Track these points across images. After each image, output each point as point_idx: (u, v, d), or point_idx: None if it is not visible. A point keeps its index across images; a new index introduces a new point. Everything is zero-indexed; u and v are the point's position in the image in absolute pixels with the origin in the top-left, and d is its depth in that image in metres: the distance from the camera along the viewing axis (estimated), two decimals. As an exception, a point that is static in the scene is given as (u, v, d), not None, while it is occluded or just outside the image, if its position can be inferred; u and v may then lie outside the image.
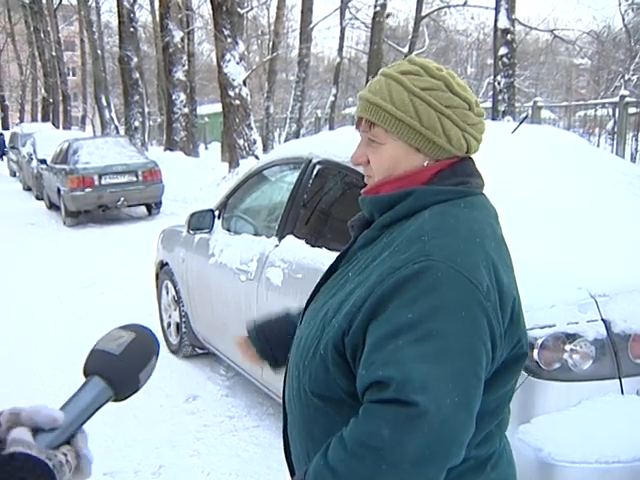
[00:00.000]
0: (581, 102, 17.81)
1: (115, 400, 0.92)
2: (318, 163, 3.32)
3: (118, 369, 0.91)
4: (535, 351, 2.09)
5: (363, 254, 1.23)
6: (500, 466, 1.22)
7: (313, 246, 3.15)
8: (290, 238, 3.35)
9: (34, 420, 0.84)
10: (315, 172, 3.34)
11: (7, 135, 26.22)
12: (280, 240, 3.42)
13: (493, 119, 12.79)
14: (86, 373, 0.91)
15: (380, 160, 1.22)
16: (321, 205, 3.47)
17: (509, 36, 13.09)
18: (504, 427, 1.26)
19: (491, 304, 1.06)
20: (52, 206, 13.16)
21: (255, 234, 3.80)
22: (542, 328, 2.08)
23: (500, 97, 13.04)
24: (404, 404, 0.99)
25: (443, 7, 24.41)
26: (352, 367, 1.12)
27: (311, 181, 3.36)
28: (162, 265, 5.01)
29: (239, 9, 13.51)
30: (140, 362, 0.93)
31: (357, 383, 1.09)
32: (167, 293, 4.91)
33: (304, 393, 1.21)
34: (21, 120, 42.75)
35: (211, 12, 14.01)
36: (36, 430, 0.83)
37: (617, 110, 12.09)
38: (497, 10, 13.26)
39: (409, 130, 1.17)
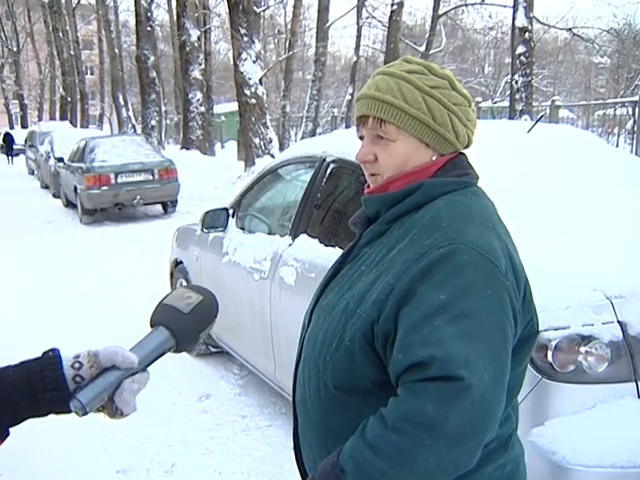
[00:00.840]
0: (600, 101, 17.64)
1: (175, 351, 1.03)
2: (332, 162, 3.32)
3: (185, 325, 1.02)
4: (549, 353, 2.06)
5: (372, 248, 1.25)
6: (516, 445, 1.27)
7: (327, 245, 3.14)
8: (303, 237, 3.35)
9: (113, 360, 0.96)
10: (329, 171, 3.33)
11: (24, 133, 26.46)
12: (294, 239, 3.41)
13: (510, 118, 12.71)
14: (152, 323, 1.03)
15: (391, 157, 1.24)
16: (335, 204, 3.46)
17: (527, 34, 12.99)
18: (516, 408, 1.30)
19: (510, 283, 1.12)
20: (69, 204, 13.26)
21: (269, 233, 3.80)
22: (556, 330, 2.06)
23: (517, 96, 12.95)
24: (448, 379, 1.02)
25: (461, 5, 24.26)
26: (382, 356, 1.14)
27: (325, 180, 3.35)
28: (177, 263, 5.03)
29: (255, 8, 13.52)
30: (203, 323, 1.05)
31: (392, 368, 1.10)
32: (181, 291, 4.92)
33: (325, 389, 1.21)
34: (40, 118, 43.10)
35: (227, 11, 14.04)
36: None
37: (637, 109, 11.95)
38: (515, 8, 13.18)
39: (422, 126, 1.22)
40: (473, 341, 1.05)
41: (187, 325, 1.02)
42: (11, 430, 0.95)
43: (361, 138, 1.30)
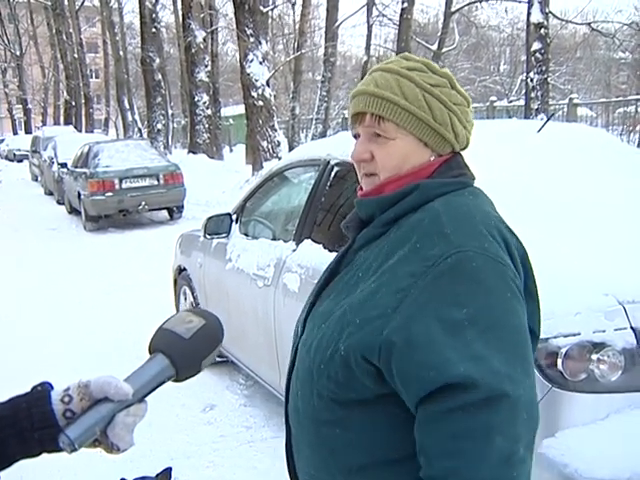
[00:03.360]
0: (621, 98, 17.55)
1: (175, 380, 0.99)
2: (336, 165, 3.31)
3: (185, 352, 0.97)
4: (559, 361, 2.04)
5: (368, 252, 1.23)
6: None
7: (331, 251, 3.13)
8: (307, 243, 3.34)
9: (105, 391, 0.91)
10: (333, 174, 3.33)
11: (28, 139, 26.65)
12: (297, 245, 3.41)
13: (526, 117, 12.66)
14: (151, 349, 0.98)
15: (389, 155, 1.22)
16: (339, 208, 3.46)
17: (543, 30, 12.94)
18: None
19: (517, 279, 1.12)
20: (73, 211, 13.35)
21: (273, 238, 3.80)
22: (566, 336, 2.04)
23: (533, 94, 12.90)
24: (498, 398, 1.00)
25: (474, 2, 24.23)
26: (383, 370, 1.09)
27: (329, 183, 3.35)
28: (180, 270, 5.05)
29: (262, 7, 13.58)
30: (206, 349, 1.00)
31: (414, 389, 1.05)
32: (185, 299, 4.94)
33: (318, 398, 1.18)
34: (44, 123, 43.47)
35: (234, 11, 14.10)
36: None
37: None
38: (530, 3, 13.13)
39: (422, 125, 1.20)
40: (507, 350, 1.04)
41: (187, 352, 0.98)
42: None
43: (355, 137, 1.29)
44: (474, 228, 1.12)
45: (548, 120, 3.18)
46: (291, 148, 18.74)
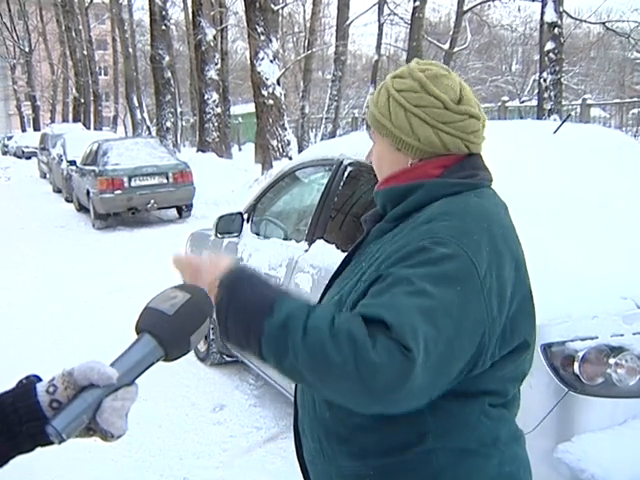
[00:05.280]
0: (635, 99, 17.45)
1: (165, 360, 0.96)
2: (349, 165, 3.32)
3: (170, 329, 0.95)
4: (576, 364, 2.04)
5: (376, 245, 1.31)
6: (514, 446, 1.28)
7: (344, 251, 3.13)
8: (320, 243, 3.35)
9: (89, 378, 0.90)
10: (346, 174, 3.33)
11: (37, 136, 26.77)
12: (310, 245, 3.42)
13: (538, 118, 12.61)
14: (138, 330, 0.96)
15: (374, 157, 1.40)
16: (352, 208, 3.46)
17: (556, 30, 12.89)
18: (513, 411, 1.32)
19: (487, 288, 1.11)
20: (81, 208, 13.40)
21: (284, 238, 3.81)
22: (583, 340, 2.04)
23: (546, 95, 12.84)
24: (400, 344, 1.01)
25: (487, 0, 24.17)
26: None
27: (342, 183, 3.35)
28: (190, 270, 5.05)
29: (273, 5, 13.58)
30: (193, 324, 0.97)
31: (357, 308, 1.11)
32: (195, 299, 4.95)
33: None
34: (52, 120, 43.64)
35: (244, 8, 14.12)
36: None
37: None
38: (544, 2, 13.07)
39: (385, 129, 1.31)
40: (426, 320, 1.04)
41: (173, 329, 0.95)
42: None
43: None
44: (461, 222, 1.16)
45: (564, 121, 3.17)
46: (300, 147, 18.75)
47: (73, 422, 0.89)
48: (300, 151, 14.90)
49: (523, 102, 26.18)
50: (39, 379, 0.94)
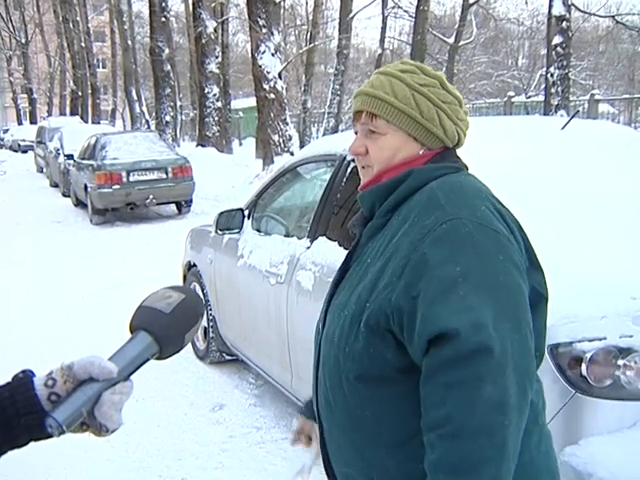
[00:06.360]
0: (644, 95, 17.41)
1: (158, 358, 1.00)
2: (353, 160, 3.31)
3: (167, 327, 0.99)
4: (583, 366, 2.03)
5: (374, 243, 1.35)
6: (545, 428, 1.34)
7: (346, 249, 3.12)
8: (322, 240, 3.34)
9: (89, 371, 0.93)
10: (349, 170, 3.32)
11: (34, 129, 26.77)
12: (312, 242, 3.41)
13: (545, 114, 12.60)
14: (132, 328, 1.00)
15: (380, 149, 1.38)
16: (356, 205, 3.45)
17: (564, 24, 12.87)
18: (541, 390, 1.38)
19: (514, 246, 1.22)
20: (79, 203, 13.41)
21: (286, 235, 3.80)
22: (591, 341, 2.03)
23: (553, 90, 12.83)
24: (484, 351, 1.10)
25: (493, -7, 24.11)
26: (399, 336, 1.21)
27: (345, 179, 3.34)
28: (190, 266, 5.06)
29: (275, -3, 13.54)
30: (187, 323, 1.02)
31: (416, 343, 1.16)
32: (194, 296, 4.95)
33: (347, 383, 1.28)
34: (49, 113, 43.61)
35: (245, 1, 14.10)
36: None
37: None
38: (552, -4, 13.05)
39: (410, 121, 1.35)
40: (497, 306, 1.13)
41: (170, 327, 0.99)
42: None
43: (356, 133, 1.44)
44: (467, 199, 1.26)
45: (572, 117, 3.16)
46: (302, 142, 18.74)
47: (73, 414, 0.92)
48: (302, 146, 14.90)
49: (529, 97, 26.13)
50: (33, 374, 0.96)
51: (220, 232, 4.22)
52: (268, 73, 12.93)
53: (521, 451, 1.15)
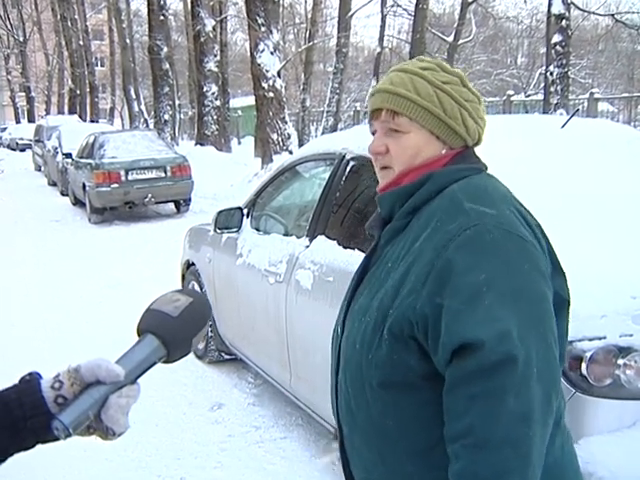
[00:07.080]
0: (643, 94, 17.41)
1: (166, 361, 1.00)
2: (352, 159, 3.30)
3: (174, 331, 0.99)
4: (583, 365, 2.03)
5: (394, 245, 1.32)
6: (566, 428, 1.32)
7: (346, 247, 3.13)
8: (321, 239, 3.34)
9: (96, 374, 0.93)
10: (349, 169, 3.32)
11: (32, 128, 26.75)
12: (311, 241, 3.41)
13: (545, 112, 12.60)
14: (140, 331, 1.00)
15: (402, 148, 1.34)
16: (355, 204, 3.45)
17: (564, 22, 12.87)
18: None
19: (539, 252, 1.20)
20: (77, 202, 13.39)
21: (285, 234, 3.80)
22: (591, 340, 2.03)
23: (553, 89, 12.84)
24: (509, 361, 1.08)
25: (492, -8, 24.12)
26: (423, 343, 1.19)
27: (344, 178, 3.34)
28: (188, 265, 5.05)
29: (274, -5, 13.54)
30: (195, 326, 1.02)
31: (440, 353, 1.15)
32: (193, 295, 4.94)
33: (370, 389, 1.26)
34: (47, 112, 43.56)
35: (244, -1, 14.10)
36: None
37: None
38: (551, -6, 13.06)
39: (433, 119, 1.32)
40: (522, 315, 1.12)
41: (177, 330, 0.99)
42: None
43: (373, 133, 1.39)
44: (492, 204, 1.23)
45: (572, 116, 3.16)
46: (301, 141, 18.73)
47: (80, 417, 0.91)
48: (301, 145, 14.88)
49: (529, 96, 26.14)
50: (40, 376, 0.95)
51: (219, 231, 4.22)
52: (267, 72, 12.92)
53: (545, 454, 1.14)
